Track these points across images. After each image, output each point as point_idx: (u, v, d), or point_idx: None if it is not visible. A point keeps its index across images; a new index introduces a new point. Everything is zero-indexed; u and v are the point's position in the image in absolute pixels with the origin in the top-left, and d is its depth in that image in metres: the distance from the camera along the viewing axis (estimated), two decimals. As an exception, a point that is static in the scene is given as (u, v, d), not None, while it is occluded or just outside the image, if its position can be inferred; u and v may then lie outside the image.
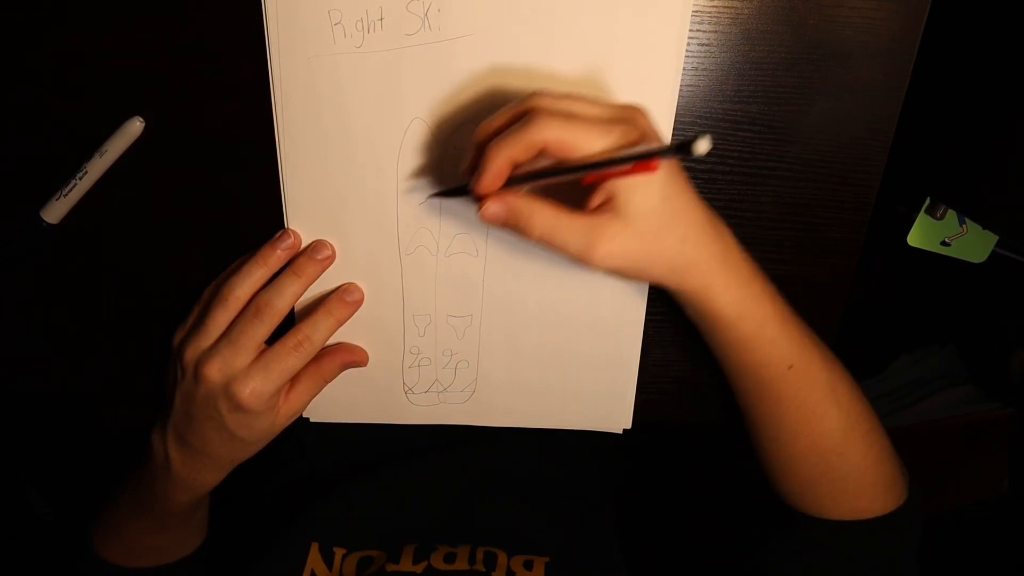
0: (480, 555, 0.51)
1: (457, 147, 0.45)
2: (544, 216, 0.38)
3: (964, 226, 0.77)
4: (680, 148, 0.30)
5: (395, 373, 0.52)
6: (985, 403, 1.35)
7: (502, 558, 0.50)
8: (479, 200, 0.39)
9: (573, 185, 0.38)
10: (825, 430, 0.44)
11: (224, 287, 0.45)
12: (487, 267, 0.49)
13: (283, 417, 0.47)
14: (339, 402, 0.53)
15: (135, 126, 0.45)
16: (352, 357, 0.50)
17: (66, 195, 0.47)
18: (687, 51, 0.44)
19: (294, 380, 0.47)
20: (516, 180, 0.38)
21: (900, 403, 1.32)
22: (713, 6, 0.43)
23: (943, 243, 0.78)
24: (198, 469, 0.48)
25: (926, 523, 0.48)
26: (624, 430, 0.54)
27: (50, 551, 0.54)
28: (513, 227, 0.39)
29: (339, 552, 0.51)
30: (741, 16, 0.44)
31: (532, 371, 0.52)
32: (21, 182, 0.48)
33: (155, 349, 0.53)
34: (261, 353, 0.45)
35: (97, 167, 0.46)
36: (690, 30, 0.43)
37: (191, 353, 0.45)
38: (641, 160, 0.34)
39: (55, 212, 0.47)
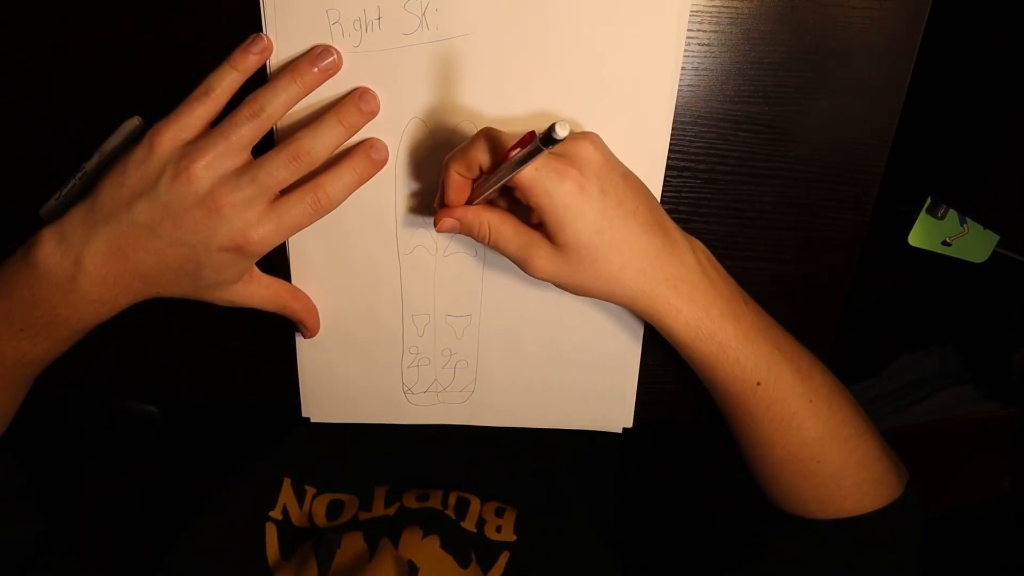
0: (452, 500, 0.51)
1: (456, 147, 0.45)
2: (492, 224, 0.41)
3: (965, 226, 0.77)
4: (545, 139, 0.31)
5: (394, 373, 0.52)
6: (985, 403, 1.34)
7: (475, 504, 0.51)
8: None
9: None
10: (801, 439, 0.45)
11: (202, 83, 0.41)
12: (486, 267, 0.49)
13: (256, 240, 0.41)
14: (338, 402, 0.53)
15: (134, 125, 0.45)
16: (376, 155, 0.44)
17: (66, 195, 0.47)
18: (687, 51, 0.44)
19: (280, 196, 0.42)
20: (472, 197, 0.42)
21: (900, 403, 1.32)
22: (713, 6, 0.43)
23: (944, 243, 0.78)
24: (115, 291, 0.42)
25: (925, 523, 0.48)
26: (624, 429, 0.54)
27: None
28: (467, 234, 0.42)
29: (310, 491, 0.51)
30: (741, 16, 0.44)
31: (532, 371, 0.52)
32: (21, 182, 0.48)
33: (155, 348, 0.53)
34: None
35: (97, 167, 0.46)
36: (690, 30, 0.43)
37: (171, 144, 0.40)
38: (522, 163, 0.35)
39: (55, 212, 0.47)
